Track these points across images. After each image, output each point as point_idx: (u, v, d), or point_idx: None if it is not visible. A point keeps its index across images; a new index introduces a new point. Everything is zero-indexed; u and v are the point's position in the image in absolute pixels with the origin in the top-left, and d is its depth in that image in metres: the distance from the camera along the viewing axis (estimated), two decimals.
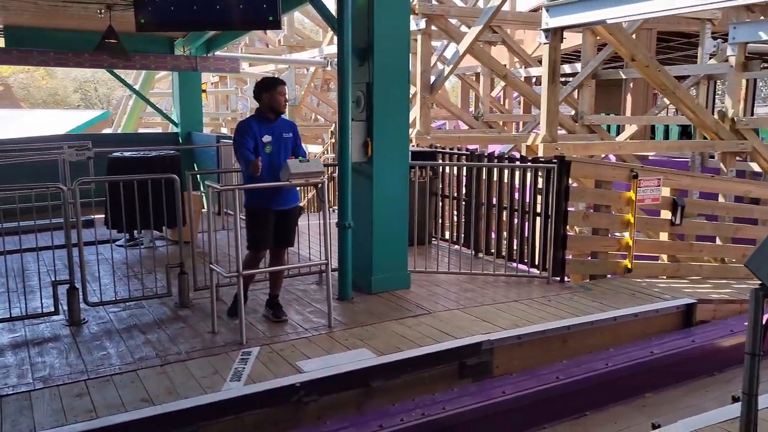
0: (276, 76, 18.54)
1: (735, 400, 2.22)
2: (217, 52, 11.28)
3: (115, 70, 11.23)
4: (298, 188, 5.39)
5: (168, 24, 5.48)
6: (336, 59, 5.59)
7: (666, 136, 19.65)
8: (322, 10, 5.83)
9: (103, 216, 6.43)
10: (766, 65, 19.30)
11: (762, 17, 9.72)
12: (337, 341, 4.73)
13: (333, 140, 12.82)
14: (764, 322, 2.08)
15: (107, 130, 24.57)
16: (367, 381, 4.26)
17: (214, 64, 10.97)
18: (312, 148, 15.95)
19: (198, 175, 8.92)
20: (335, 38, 5.72)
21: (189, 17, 5.17)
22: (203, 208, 8.19)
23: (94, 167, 8.26)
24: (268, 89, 4.97)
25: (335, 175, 7.48)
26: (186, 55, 10.66)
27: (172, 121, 12.02)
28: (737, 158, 10.19)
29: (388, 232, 5.77)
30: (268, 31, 21.14)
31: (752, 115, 20.79)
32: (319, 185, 5.16)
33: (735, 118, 9.60)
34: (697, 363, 5.20)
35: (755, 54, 15.39)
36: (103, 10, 7.97)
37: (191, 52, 10.69)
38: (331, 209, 7.72)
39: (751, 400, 2.10)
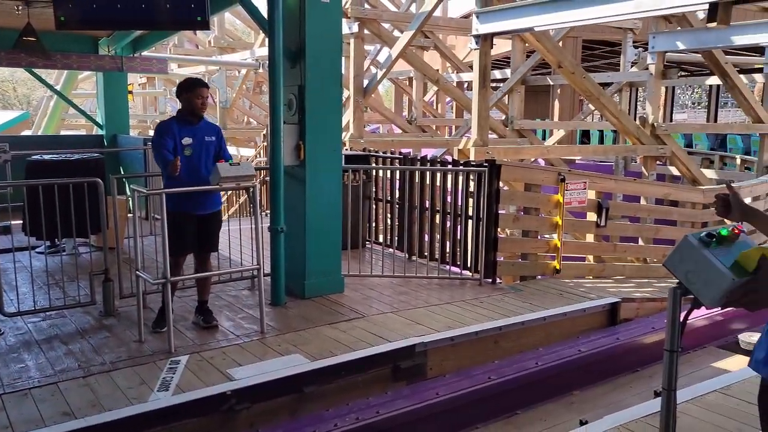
0: (206, 77, 18.19)
1: (657, 395, 2.31)
2: (144, 53, 10.96)
3: (35, 70, 10.75)
4: (221, 192, 5.28)
5: (90, 22, 5.28)
6: (267, 61, 5.51)
7: (601, 141, 20.33)
8: (253, 12, 5.75)
9: (21, 222, 6.13)
10: (683, 73, 20.26)
11: (679, 27, 10.18)
12: (269, 347, 4.66)
13: (265, 143, 12.65)
14: (682, 319, 2.17)
15: (27, 132, 23.48)
16: (301, 387, 4.21)
17: (141, 65, 10.65)
18: (244, 152, 15.71)
19: (124, 179, 8.62)
20: (267, 40, 5.65)
21: (112, 16, 4.99)
22: (129, 212, 7.93)
23: (12, 171, 7.86)
24: (187, 91, 4.83)
25: (268, 178, 7.37)
26: (111, 55, 10.29)
27: (97, 123, 11.60)
28: (657, 162, 10.65)
29: (322, 236, 5.73)
30: (197, 32, 20.71)
31: (671, 121, 21.79)
32: (251, 189, 5.07)
33: (655, 124, 10.02)
34: (621, 360, 5.38)
35: (673, 63, 16.14)
36: (20, 7, 7.62)
37: (116, 52, 10.33)
38: (263, 213, 7.63)
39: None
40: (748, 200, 8.66)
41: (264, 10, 5.52)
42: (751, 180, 10.05)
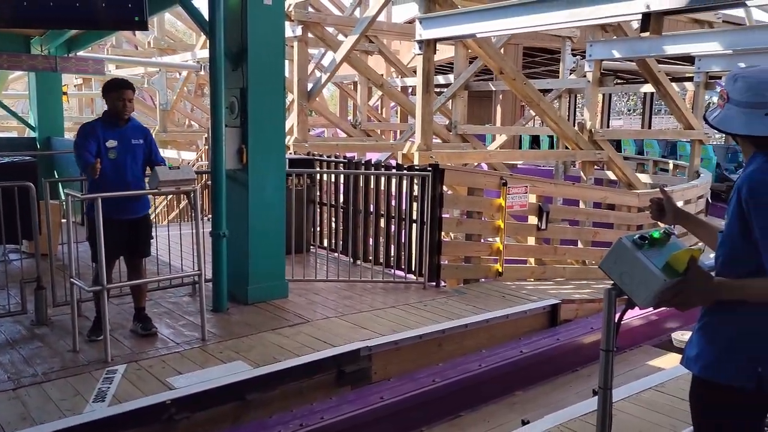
0: (145, 79, 17.77)
1: (594, 393, 2.37)
2: (80, 53, 10.62)
3: None
4: (149, 196, 5.15)
5: (20, 20, 5.06)
6: (209, 63, 5.42)
7: (552, 147, 20.82)
8: (193, 13, 5.65)
9: None
10: (619, 81, 20.92)
11: (615, 37, 10.51)
12: (211, 355, 4.57)
13: (207, 146, 12.43)
14: (617, 319, 2.23)
15: None
16: (243, 394, 4.14)
17: (76, 65, 10.30)
18: (185, 155, 15.39)
19: (58, 183, 8.32)
20: (208, 42, 5.55)
21: (44, 14, 4.80)
22: (64, 218, 7.65)
23: None
24: (110, 92, 4.66)
25: (210, 182, 7.24)
26: (44, 55, 9.92)
27: (29, 125, 11.16)
28: (595, 167, 10.95)
29: (265, 240, 5.66)
30: (136, 33, 20.20)
31: (608, 127, 22.47)
32: (191, 193, 4.97)
33: (593, 130, 10.31)
34: (562, 360, 5.50)
35: (610, 71, 16.64)
36: None
37: (50, 52, 9.97)
38: (205, 218, 7.48)
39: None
40: (680, 203, 8.99)
41: (205, 12, 5.42)
42: (682, 184, 10.45)
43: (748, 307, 1.98)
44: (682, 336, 6.44)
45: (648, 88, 12.73)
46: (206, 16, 5.37)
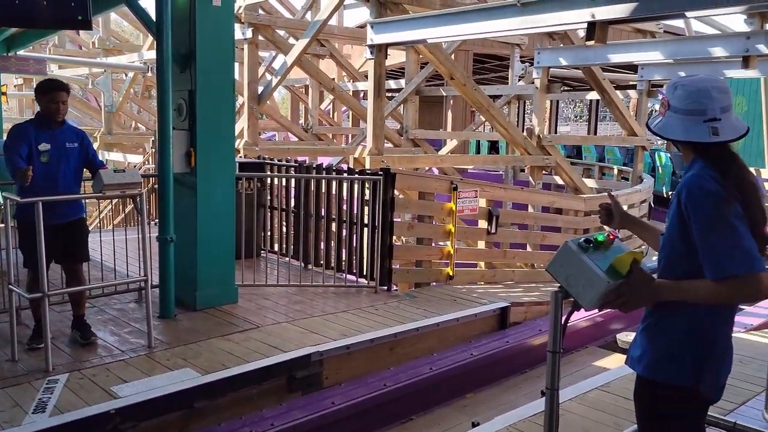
0: (90, 80, 17.30)
1: (542, 394, 2.41)
2: (20, 52, 10.27)
3: None
4: (84, 199, 5.01)
5: None
6: (156, 65, 5.31)
7: (478, 151, 21.09)
8: (140, 14, 5.52)
9: None
10: (566, 88, 21.41)
11: (562, 45, 10.75)
12: (157, 362, 4.47)
13: (154, 149, 12.19)
14: (563, 321, 2.27)
15: None
16: (191, 402, 4.06)
17: (16, 65, 9.97)
18: (131, 158, 15.03)
19: None
20: (155, 43, 5.44)
21: None
22: (1, 222, 7.37)
23: None
24: (43, 94, 4.52)
25: (157, 186, 7.09)
26: None
27: None
28: (543, 172, 11.17)
29: (214, 245, 5.57)
30: (80, 32, 19.66)
31: (555, 132, 22.94)
32: (137, 197, 4.85)
33: (541, 135, 10.51)
34: (511, 362, 5.58)
35: (557, 78, 17.01)
36: None
37: None
38: (151, 222, 7.32)
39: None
40: (625, 207, 9.23)
41: (152, 12, 5.31)
42: (626, 189, 10.75)
43: (689, 309, 2.04)
44: (626, 337, 6.61)
45: (594, 95, 13.04)
46: (153, 16, 5.27)
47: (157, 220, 5.63)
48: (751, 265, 1.87)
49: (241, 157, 9.54)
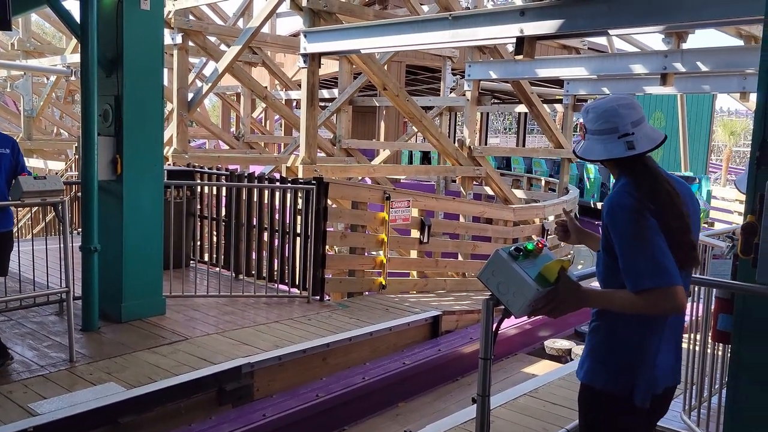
0: (8, 83, 16.55)
1: (473, 401, 2.45)
2: None
3: None
4: (12, 209, 4.80)
5: None
6: (80, 69, 5.13)
7: (410, 161, 21.32)
8: (64, 16, 5.32)
9: None
10: (496, 101, 21.93)
11: (492, 58, 11.01)
12: (80, 377, 4.29)
13: (78, 156, 11.76)
14: (494, 328, 2.31)
15: None
16: (115, 418, 3.91)
17: None
18: (53, 165, 14.42)
19: None
20: (80, 46, 5.25)
21: None
22: None
23: None
24: None
25: (80, 194, 6.83)
26: None
27: None
28: (474, 182, 11.38)
29: (141, 255, 5.40)
30: None
31: (486, 144, 23.44)
32: (59, 205, 4.66)
33: (471, 147, 10.72)
34: (443, 370, 5.64)
35: (488, 90, 17.43)
36: None
37: None
38: (74, 231, 7.04)
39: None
40: (551, 218, 9.52)
41: (76, 14, 5.13)
42: (552, 200, 11.08)
43: (624, 319, 2.11)
44: (553, 343, 6.80)
45: (522, 108, 13.41)
46: (78, 18, 5.09)
47: (80, 230, 5.41)
48: (663, 280, 1.94)
49: (170, 164, 9.31)
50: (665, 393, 2.20)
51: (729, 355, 3.13)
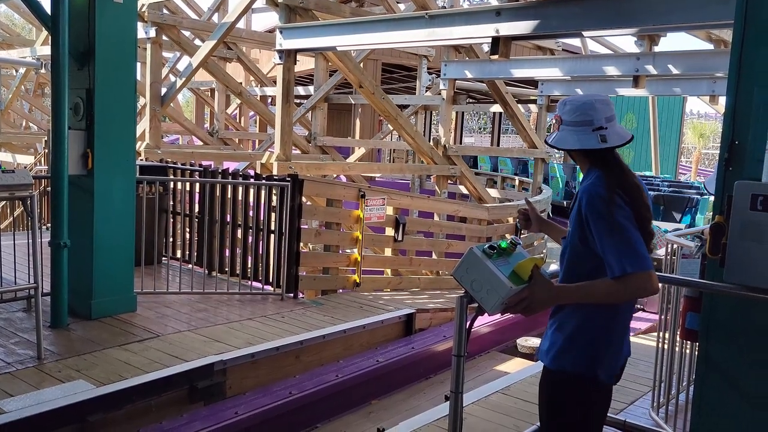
0: None
1: (446, 399, 2.47)
2: None
3: None
4: None
5: None
6: (51, 61, 5.03)
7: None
8: (34, 7, 5.22)
9: None
10: (471, 101, 22.03)
11: (467, 58, 11.06)
12: (48, 374, 4.21)
13: (47, 150, 11.54)
14: (468, 326, 2.33)
15: None
16: (84, 416, 3.85)
17: None
18: (21, 159, 14.15)
19: None
20: (51, 38, 5.15)
21: None
22: None
23: None
24: None
25: (50, 188, 6.71)
26: None
27: None
28: (449, 181, 11.43)
29: (111, 251, 5.32)
30: None
31: (461, 143, 23.56)
32: (27, 199, 4.57)
33: (446, 146, 10.76)
34: (416, 368, 5.65)
35: (463, 90, 17.49)
36: None
37: None
38: (43, 227, 6.92)
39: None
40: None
41: (47, 5, 5.04)
42: (536, 197, 11.16)
43: (583, 306, 2.21)
44: (525, 341, 6.86)
45: (497, 108, 13.51)
46: (48, 10, 4.99)
47: (49, 225, 5.32)
48: (643, 264, 2.05)
49: (142, 160, 9.19)
50: (622, 366, 2.37)
51: (697, 352, 3.19)
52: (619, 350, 2.30)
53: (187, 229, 7.32)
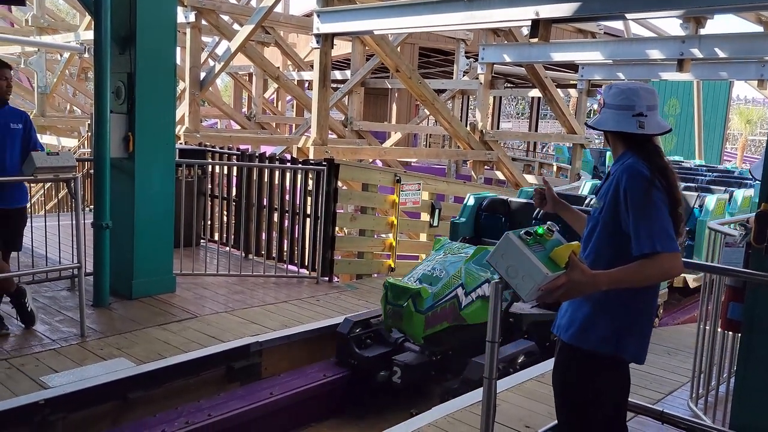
0: (22, 59, 16.59)
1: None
2: None
3: None
4: (27, 185, 4.84)
5: None
6: (94, 46, 5.13)
7: None
8: None
9: None
10: (509, 85, 21.76)
11: (506, 41, 10.91)
12: (90, 351, 4.33)
13: (90, 133, 11.79)
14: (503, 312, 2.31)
15: None
16: (125, 393, 3.96)
17: None
18: (66, 142, 14.49)
19: None
20: (93, 23, 5.24)
21: None
22: None
23: None
24: None
25: (93, 171, 6.86)
26: None
27: None
28: (485, 167, 11.34)
29: (151, 232, 5.43)
30: (12, 8, 18.84)
31: (498, 128, 23.33)
32: (71, 181, 4.68)
33: (483, 131, 10.66)
34: None
35: (501, 74, 17.28)
36: None
37: None
38: (86, 208, 7.09)
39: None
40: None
41: None
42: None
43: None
44: None
45: (535, 92, 13.30)
46: None
47: (92, 206, 5.44)
48: (673, 245, 2.13)
49: (181, 143, 9.33)
50: (648, 343, 2.37)
51: (738, 343, 3.11)
52: (642, 331, 2.31)
53: (225, 212, 7.42)
